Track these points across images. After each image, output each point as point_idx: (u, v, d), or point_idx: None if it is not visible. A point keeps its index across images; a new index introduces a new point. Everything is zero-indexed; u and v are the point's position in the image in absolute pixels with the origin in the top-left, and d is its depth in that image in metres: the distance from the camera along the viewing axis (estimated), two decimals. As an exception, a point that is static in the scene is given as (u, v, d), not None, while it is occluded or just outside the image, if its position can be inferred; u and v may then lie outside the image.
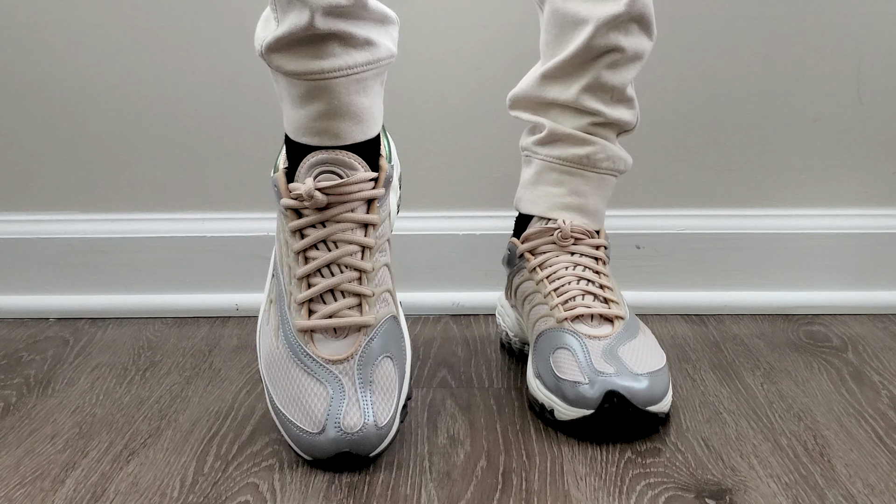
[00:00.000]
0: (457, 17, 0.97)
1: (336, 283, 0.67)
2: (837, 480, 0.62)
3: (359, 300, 0.68)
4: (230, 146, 1.00)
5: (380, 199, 0.69)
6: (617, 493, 0.60)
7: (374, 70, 0.68)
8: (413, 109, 0.99)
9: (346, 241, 0.68)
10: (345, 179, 0.67)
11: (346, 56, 0.65)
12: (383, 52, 0.68)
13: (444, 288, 1.01)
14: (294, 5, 0.63)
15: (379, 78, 0.69)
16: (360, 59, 0.66)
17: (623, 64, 0.75)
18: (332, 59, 0.65)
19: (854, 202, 1.00)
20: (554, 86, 0.76)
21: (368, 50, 0.66)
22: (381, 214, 0.69)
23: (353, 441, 0.62)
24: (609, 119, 0.76)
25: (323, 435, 0.63)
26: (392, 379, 0.67)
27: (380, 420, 0.64)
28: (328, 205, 0.67)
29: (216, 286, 1.01)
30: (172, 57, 0.98)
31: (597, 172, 0.78)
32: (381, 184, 0.69)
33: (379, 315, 0.68)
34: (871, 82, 0.97)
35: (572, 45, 0.74)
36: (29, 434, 0.72)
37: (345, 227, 0.68)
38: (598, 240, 0.78)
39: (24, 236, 1.01)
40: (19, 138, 1.01)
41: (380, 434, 0.63)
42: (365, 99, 0.67)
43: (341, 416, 0.63)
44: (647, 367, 0.68)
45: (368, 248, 0.68)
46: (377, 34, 0.67)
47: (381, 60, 0.68)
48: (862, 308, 0.98)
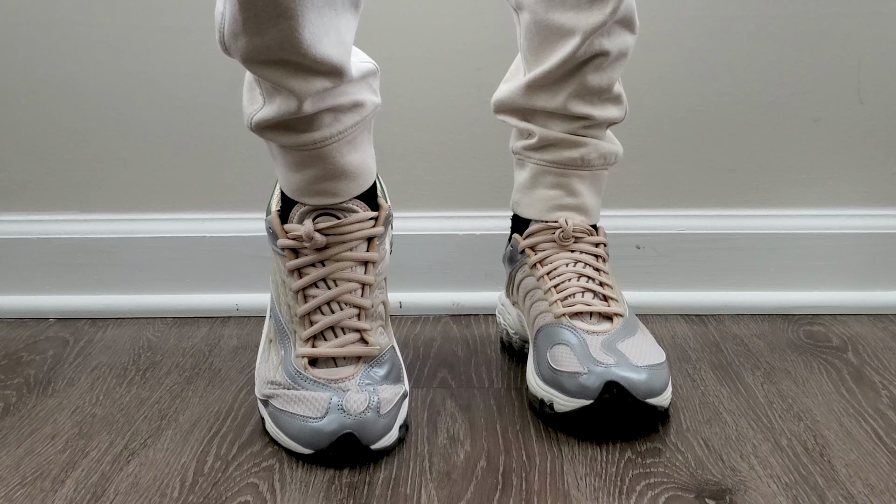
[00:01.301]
0: (457, 17, 0.97)
1: (336, 321, 0.68)
2: (837, 480, 0.62)
3: (359, 335, 0.69)
4: (230, 146, 1.00)
5: (379, 237, 0.71)
6: (617, 493, 0.60)
7: (363, 126, 0.69)
8: (413, 109, 0.99)
9: (345, 279, 0.69)
10: (343, 220, 0.69)
11: (336, 124, 0.67)
12: (369, 108, 0.69)
13: (444, 288, 1.01)
14: (281, 92, 0.64)
15: (367, 129, 0.71)
16: (348, 122, 0.67)
17: (609, 65, 0.74)
18: (324, 130, 0.66)
19: (854, 202, 1.00)
20: (541, 95, 0.75)
21: (356, 111, 0.68)
22: (381, 252, 0.71)
23: (355, 423, 0.63)
24: (598, 120, 0.76)
25: (325, 419, 0.63)
26: (395, 396, 0.67)
27: (384, 408, 0.64)
28: (327, 245, 0.69)
29: (216, 286, 1.01)
30: (172, 57, 0.98)
31: (590, 170, 0.78)
32: (380, 222, 0.71)
33: (382, 345, 0.70)
34: (871, 82, 0.97)
35: (557, 55, 0.72)
36: (29, 434, 0.72)
37: (344, 266, 0.69)
38: (598, 237, 0.78)
39: (24, 236, 1.01)
40: (19, 138, 1.01)
41: (383, 423, 0.64)
42: (357, 155, 0.69)
43: (344, 401, 0.64)
44: (647, 361, 0.69)
45: (368, 285, 0.70)
46: (362, 93, 0.68)
47: (367, 117, 0.69)
48: (862, 308, 0.98)
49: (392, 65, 0.98)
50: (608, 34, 0.72)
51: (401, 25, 0.96)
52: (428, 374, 0.83)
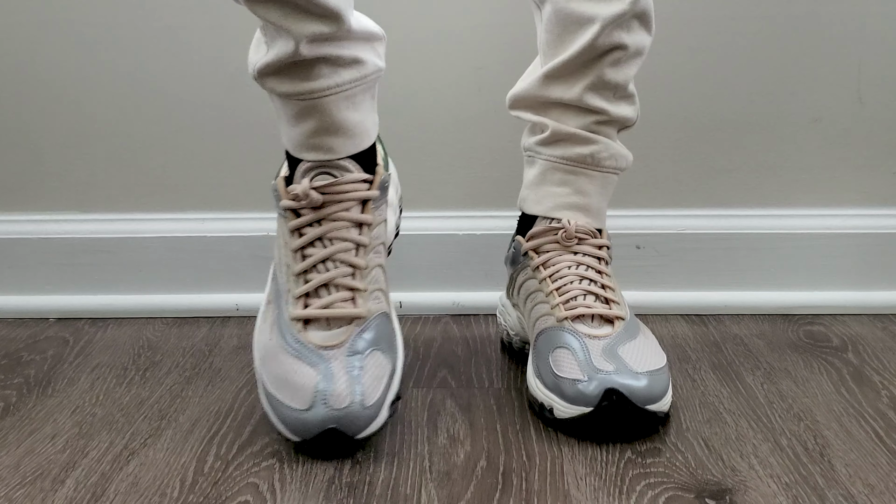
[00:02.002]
0: (457, 17, 0.97)
1: (331, 278, 0.70)
2: (837, 480, 0.62)
3: (352, 294, 0.70)
4: (230, 146, 1.00)
5: (375, 200, 0.72)
6: (617, 493, 0.60)
7: (363, 85, 0.70)
8: (413, 109, 0.99)
9: (340, 239, 0.70)
10: (338, 178, 0.70)
11: (334, 76, 0.68)
12: (370, 68, 0.70)
13: (444, 288, 1.01)
14: (281, 34, 0.66)
15: (368, 92, 0.72)
16: (347, 76, 0.69)
17: (625, 61, 0.74)
18: (321, 80, 0.68)
19: (854, 202, 1.00)
20: (557, 85, 0.76)
21: (356, 67, 0.69)
22: (376, 216, 0.72)
23: (339, 417, 0.63)
24: (612, 117, 0.76)
25: (311, 412, 0.64)
26: (382, 369, 0.68)
27: (367, 400, 0.65)
28: (324, 204, 0.70)
29: (216, 286, 1.01)
30: (173, 57, 0.98)
31: (600, 171, 0.78)
32: (375, 186, 0.72)
33: (371, 309, 0.70)
34: (871, 82, 0.97)
35: (576, 44, 0.73)
36: (29, 434, 0.72)
37: (340, 226, 0.70)
38: (601, 240, 0.78)
39: (24, 236, 1.01)
40: (19, 138, 1.01)
41: (367, 414, 0.64)
42: (355, 114, 0.70)
43: (329, 393, 0.64)
44: (646, 366, 0.68)
45: (363, 246, 0.71)
46: (363, 52, 0.70)
47: (368, 76, 0.70)
48: (862, 308, 0.98)
49: (392, 65, 0.97)
50: (627, 28, 0.73)
51: (401, 25, 0.96)
52: (428, 374, 0.83)
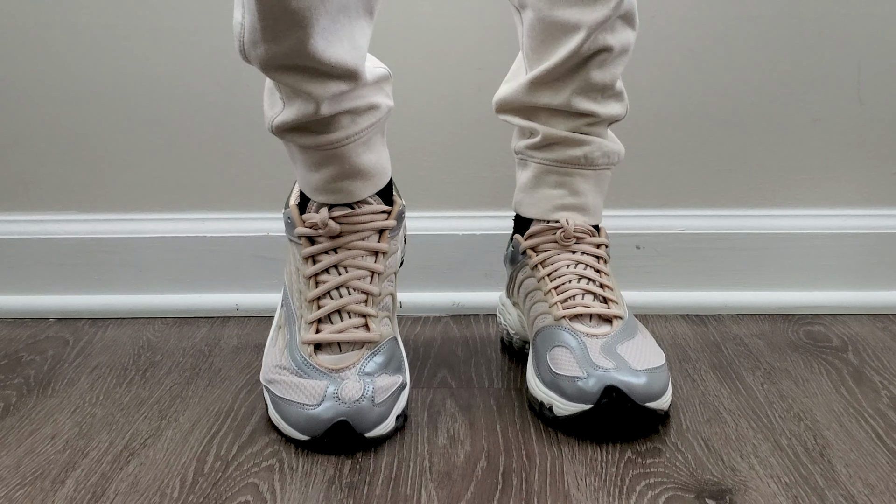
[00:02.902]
0: (457, 17, 0.97)
1: (344, 304, 0.71)
2: (837, 480, 0.62)
3: (364, 320, 0.71)
4: (230, 146, 1.00)
5: (391, 230, 0.73)
6: (617, 493, 0.60)
7: (377, 127, 0.72)
8: (413, 109, 0.99)
9: (356, 267, 0.72)
10: (357, 210, 0.72)
11: (353, 126, 0.69)
12: (384, 111, 0.72)
13: (444, 288, 1.01)
14: (299, 96, 0.66)
15: (380, 131, 0.73)
16: (364, 123, 0.70)
17: (611, 61, 0.74)
18: (341, 131, 0.69)
19: (854, 202, 1.00)
20: (545, 91, 0.75)
21: (371, 113, 0.71)
22: (391, 245, 0.73)
23: (350, 411, 0.65)
24: (601, 117, 0.76)
25: (320, 406, 0.65)
26: (392, 385, 0.69)
27: (378, 397, 0.66)
28: (341, 233, 0.72)
29: (216, 286, 1.01)
30: (172, 57, 0.98)
31: (594, 170, 0.78)
32: (393, 216, 0.73)
33: (383, 334, 0.72)
34: (871, 82, 0.97)
35: (562, 51, 0.72)
36: (29, 434, 0.72)
37: (356, 254, 0.72)
38: (600, 239, 0.78)
39: (24, 236, 1.01)
40: (19, 138, 1.01)
41: (377, 412, 0.66)
42: (372, 155, 0.72)
43: (340, 389, 0.66)
44: (646, 364, 0.68)
45: (378, 273, 0.72)
46: (377, 97, 0.71)
47: (382, 118, 0.72)
48: (862, 308, 0.98)
49: (392, 65, 0.97)
50: (611, 30, 0.72)
51: (401, 26, 0.96)
52: (428, 374, 0.83)
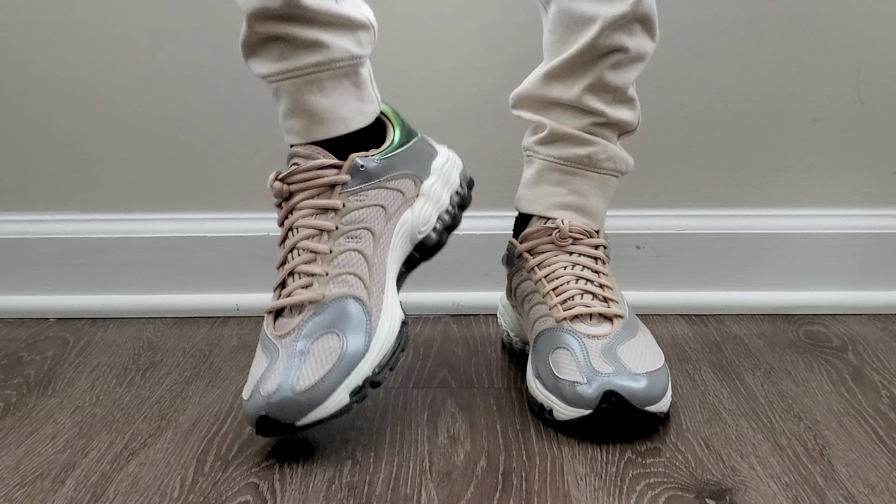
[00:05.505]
0: (457, 17, 0.97)
1: (292, 267, 0.69)
2: (837, 480, 0.62)
3: (310, 280, 0.68)
4: (230, 146, 1.00)
5: (346, 184, 0.70)
6: (617, 493, 0.60)
7: (330, 71, 0.69)
8: (413, 109, 0.98)
9: (304, 226, 0.70)
10: (299, 167, 0.70)
11: (293, 59, 0.68)
12: (337, 54, 0.69)
13: (444, 288, 1.00)
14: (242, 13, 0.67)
15: (346, 79, 0.70)
16: (308, 60, 0.68)
17: (626, 64, 0.75)
18: (281, 63, 0.68)
19: (854, 202, 1.00)
20: (557, 85, 0.76)
21: (318, 52, 0.68)
22: (350, 200, 0.70)
23: (270, 405, 0.63)
24: (611, 119, 0.76)
25: (250, 401, 0.65)
26: (332, 352, 0.66)
27: (300, 385, 0.64)
28: (291, 194, 0.70)
29: (216, 286, 1.01)
30: (172, 57, 0.98)
31: (598, 172, 0.78)
32: (345, 170, 0.70)
33: (330, 293, 0.68)
34: (871, 82, 0.97)
35: (577, 44, 0.73)
36: (29, 434, 0.72)
37: (305, 213, 0.70)
38: (598, 239, 0.78)
39: (24, 236, 1.01)
40: (19, 138, 1.01)
41: (298, 400, 0.63)
42: (323, 99, 0.69)
43: (263, 381, 0.65)
44: (645, 367, 0.68)
45: (327, 230, 0.69)
46: (330, 36, 0.68)
47: (335, 62, 0.69)
48: (862, 308, 0.98)
49: (392, 65, 0.98)
50: (629, 32, 0.73)
51: (401, 26, 0.96)
52: (428, 374, 0.83)
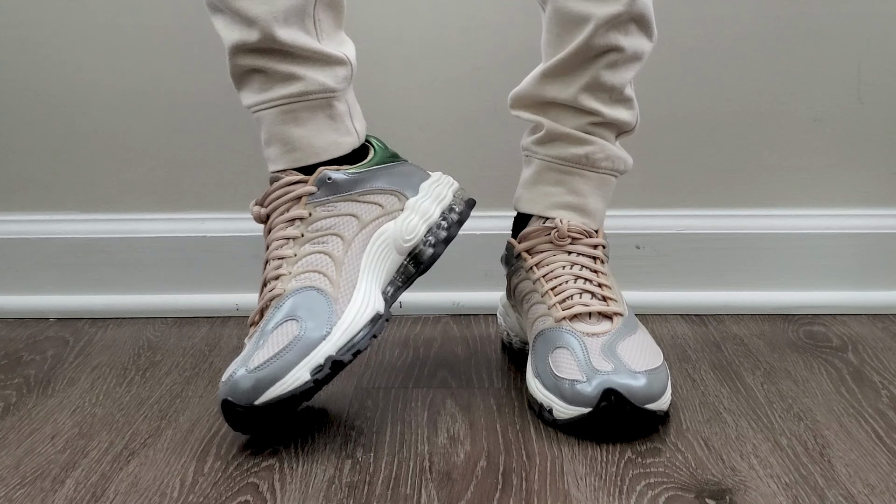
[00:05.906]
0: (457, 16, 0.97)
1: (265, 277, 0.72)
2: (837, 480, 0.62)
3: (276, 283, 0.71)
4: (230, 146, 1.00)
5: (315, 195, 0.72)
6: (617, 493, 0.60)
7: (304, 102, 0.72)
8: (413, 109, 0.98)
9: (275, 239, 0.73)
10: (270, 188, 0.73)
11: (271, 91, 0.71)
12: (312, 86, 0.71)
13: (444, 288, 1.00)
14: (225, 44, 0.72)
15: (319, 111, 0.73)
16: (283, 91, 0.71)
17: (622, 64, 0.75)
18: (261, 94, 0.72)
19: (854, 202, 1.00)
20: (554, 84, 0.76)
21: (293, 84, 0.71)
22: (317, 210, 0.72)
23: (227, 388, 0.65)
24: (608, 119, 0.76)
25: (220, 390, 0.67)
26: (289, 334, 0.66)
27: (252, 363, 0.65)
28: (269, 216, 0.74)
29: (216, 286, 1.01)
30: (172, 57, 0.98)
31: (596, 172, 0.78)
32: (311, 182, 0.72)
33: (290, 287, 0.70)
34: (871, 82, 0.97)
35: (573, 43, 0.74)
36: (29, 434, 0.72)
37: (277, 228, 0.73)
38: (596, 239, 0.78)
39: (24, 236, 1.01)
40: (19, 138, 1.01)
41: (254, 377, 0.64)
42: (297, 129, 0.72)
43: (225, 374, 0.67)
44: (645, 365, 0.68)
45: (293, 238, 0.72)
46: (306, 70, 0.71)
47: (309, 94, 0.72)
48: (862, 308, 0.98)
49: (392, 64, 0.98)
50: (625, 31, 0.73)
51: (401, 25, 0.96)
52: (428, 374, 0.83)
